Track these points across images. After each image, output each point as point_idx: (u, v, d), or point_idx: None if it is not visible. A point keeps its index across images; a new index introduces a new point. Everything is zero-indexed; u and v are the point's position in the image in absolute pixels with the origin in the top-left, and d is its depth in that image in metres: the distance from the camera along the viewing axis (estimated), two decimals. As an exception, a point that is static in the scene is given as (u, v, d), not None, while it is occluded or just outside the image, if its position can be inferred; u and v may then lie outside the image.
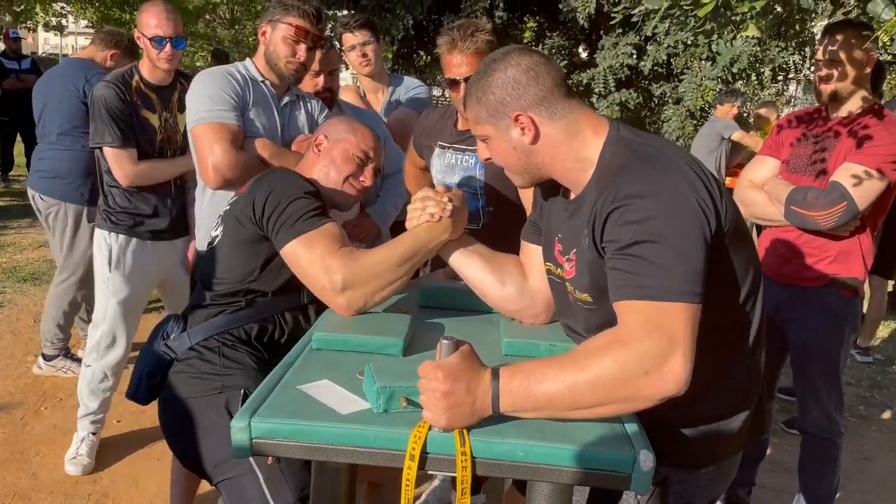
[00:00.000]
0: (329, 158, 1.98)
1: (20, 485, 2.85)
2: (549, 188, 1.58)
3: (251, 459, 1.60)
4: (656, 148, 1.35)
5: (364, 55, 3.23)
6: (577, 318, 1.50)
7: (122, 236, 2.94)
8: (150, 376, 1.87)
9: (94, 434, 3.05)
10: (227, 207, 1.91)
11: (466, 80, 2.19)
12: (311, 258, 1.67)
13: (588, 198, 1.38)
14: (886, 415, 4.18)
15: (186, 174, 3.01)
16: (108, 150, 2.83)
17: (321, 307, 1.80)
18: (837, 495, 2.71)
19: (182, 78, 2.99)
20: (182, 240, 3.13)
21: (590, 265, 1.38)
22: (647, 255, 1.21)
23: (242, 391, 1.72)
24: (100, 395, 3.01)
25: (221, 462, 1.67)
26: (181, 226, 3.09)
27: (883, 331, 5.58)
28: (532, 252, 1.68)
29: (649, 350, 1.15)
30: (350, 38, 3.23)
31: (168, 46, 2.79)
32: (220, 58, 8.41)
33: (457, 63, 2.19)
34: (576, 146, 1.40)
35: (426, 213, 1.70)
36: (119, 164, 2.84)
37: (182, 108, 2.83)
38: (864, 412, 4.18)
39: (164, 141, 2.93)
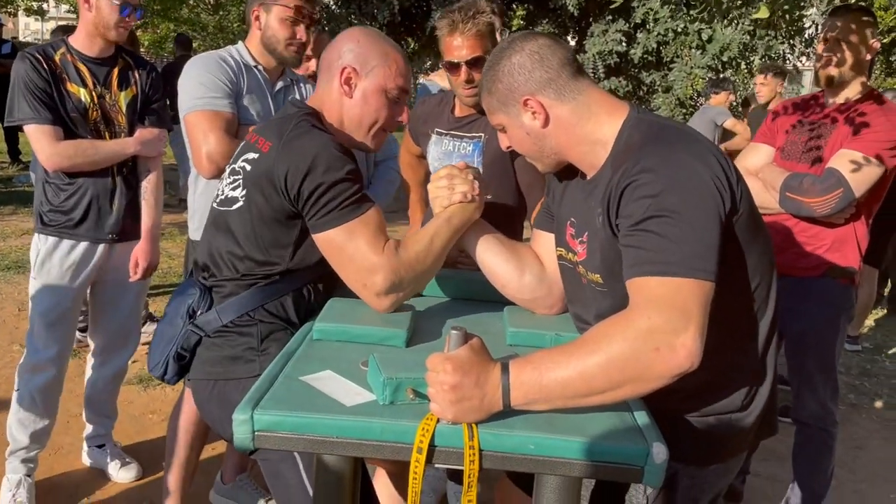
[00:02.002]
0: (362, 99, 1.67)
1: (7, 477, 2.80)
2: (564, 172, 1.56)
3: None
4: (677, 129, 1.35)
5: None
6: (588, 303, 1.48)
7: (51, 238, 2.55)
8: (179, 357, 1.70)
9: (29, 476, 2.66)
10: (247, 166, 1.63)
11: (467, 62, 2.15)
12: (352, 252, 1.53)
13: (603, 177, 1.37)
14: (876, 403, 4.21)
15: (140, 164, 2.66)
16: (28, 129, 2.43)
17: None
18: (831, 483, 2.71)
19: (124, 53, 2.62)
20: (132, 244, 2.68)
21: (602, 244, 1.36)
22: (660, 230, 1.19)
23: None
24: (30, 427, 2.61)
25: None
26: (130, 227, 2.65)
27: (871, 319, 5.62)
28: (546, 240, 1.66)
29: (659, 326, 1.13)
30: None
31: (133, 16, 2.46)
32: (184, 43, 8.39)
33: (457, 45, 2.16)
34: (589, 128, 1.40)
35: (458, 194, 1.63)
36: (39, 143, 2.42)
37: (123, 86, 2.57)
38: (855, 400, 4.20)
39: (98, 120, 2.52)
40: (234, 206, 1.64)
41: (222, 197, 1.69)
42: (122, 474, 2.84)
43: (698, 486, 1.45)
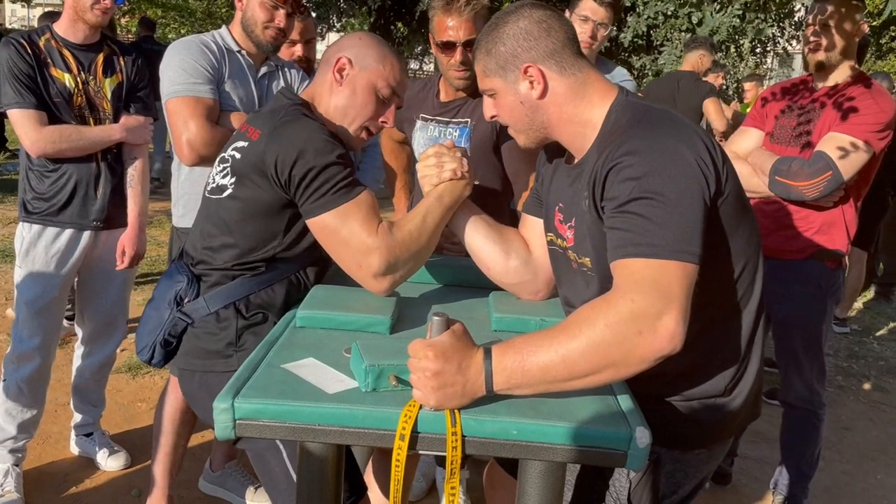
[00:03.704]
0: (351, 91, 1.70)
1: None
2: (552, 155, 1.55)
3: None
4: (662, 111, 1.34)
5: (593, 36, 2.67)
6: (579, 287, 1.47)
7: (35, 226, 2.53)
8: (166, 343, 1.70)
9: (16, 466, 2.65)
10: (237, 155, 1.63)
11: (464, 44, 2.12)
12: (346, 235, 1.53)
13: (589, 161, 1.36)
14: (864, 385, 4.24)
15: (125, 152, 2.63)
16: (12, 114, 2.40)
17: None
18: (818, 465, 2.73)
19: (110, 41, 2.60)
20: (118, 232, 2.66)
21: (590, 228, 1.35)
22: (644, 212, 1.19)
23: None
24: (17, 417, 2.60)
25: None
26: (116, 215, 2.63)
27: (859, 302, 5.65)
28: (534, 225, 1.65)
29: (641, 308, 1.12)
30: (590, 8, 2.67)
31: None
32: (147, 24, 8.61)
33: (454, 26, 2.11)
34: (581, 108, 1.39)
35: (447, 171, 1.62)
36: (23, 128, 2.39)
37: (108, 73, 2.54)
38: (843, 382, 4.23)
39: (83, 106, 2.49)
40: (224, 194, 1.64)
41: (213, 185, 1.69)
42: (110, 463, 2.83)
43: (682, 471, 1.45)
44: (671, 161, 1.21)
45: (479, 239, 1.65)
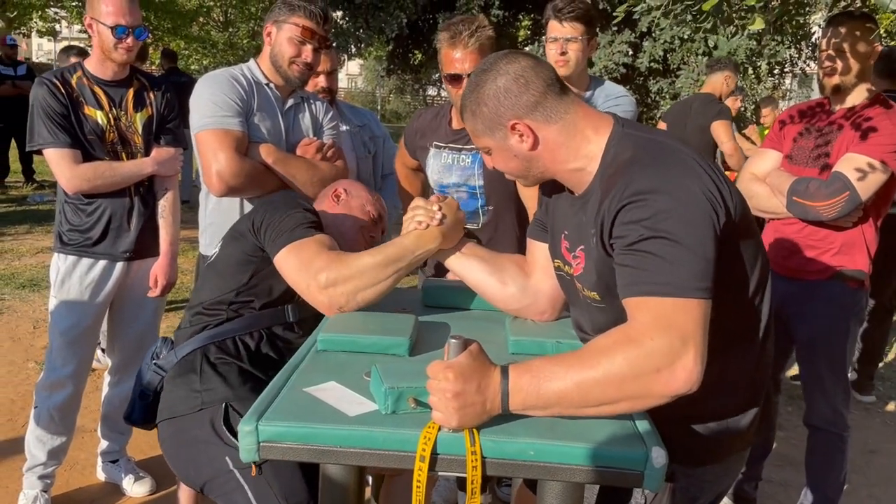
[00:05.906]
0: (347, 208, 2.04)
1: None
2: (554, 185, 1.57)
3: (238, 475, 1.64)
4: (662, 143, 1.35)
5: (563, 53, 2.54)
6: (586, 315, 1.49)
7: (70, 258, 2.60)
8: (142, 397, 1.88)
9: (45, 492, 2.71)
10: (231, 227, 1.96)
11: (469, 76, 2.16)
12: (299, 262, 1.70)
13: (594, 195, 1.37)
14: (890, 406, 4.18)
15: (156, 183, 2.70)
16: (47, 153, 2.49)
17: (307, 326, 1.83)
18: (844, 488, 2.70)
19: (139, 75, 2.68)
20: (150, 262, 2.72)
21: (597, 263, 1.36)
22: (657, 251, 1.20)
23: (224, 404, 1.72)
24: (47, 444, 2.67)
25: (210, 479, 1.69)
26: (147, 245, 2.69)
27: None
28: (537, 250, 1.68)
29: (661, 348, 1.14)
30: (555, 29, 2.56)
31: (130, 38, 2.47)
32: (169, 55, 8.89)
33: (459, 58, 2.17)
34: (575, 146, 1.39)
35: (413, 222, 1.73)
36: (59, 167, 2.48)
37: (139, 107, 2.62)
38: (868, 405, 4.17)
39: (115, 142, 2.56)
40: (213, 258, 1.95)
41: (208, 256, 2.00)
42: (136, 489, 2.87)
43: (697, 485, 1.46)
44: (679, 197, 1.22)
45: (475, 273, 1.72)
